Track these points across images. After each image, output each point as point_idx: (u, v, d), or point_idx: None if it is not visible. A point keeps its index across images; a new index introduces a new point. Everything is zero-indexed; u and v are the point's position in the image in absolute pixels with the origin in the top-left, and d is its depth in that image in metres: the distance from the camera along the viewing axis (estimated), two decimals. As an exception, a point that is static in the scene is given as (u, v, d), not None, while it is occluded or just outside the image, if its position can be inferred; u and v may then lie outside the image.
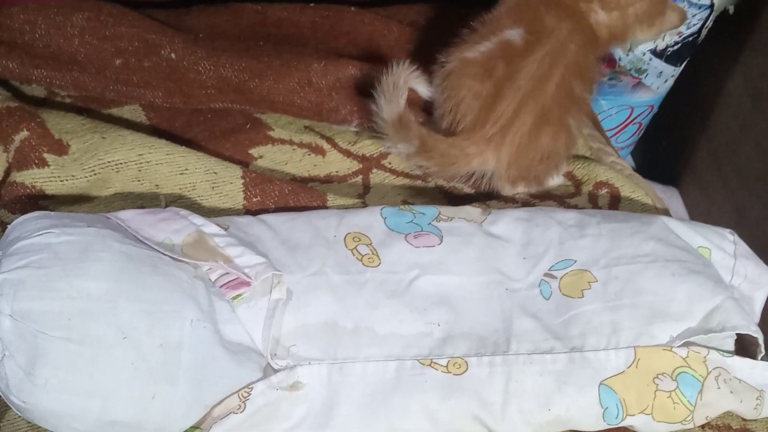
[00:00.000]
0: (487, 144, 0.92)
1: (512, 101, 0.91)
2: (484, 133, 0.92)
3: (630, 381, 0.74)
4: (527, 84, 0.91)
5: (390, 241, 0.82)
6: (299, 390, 0.73)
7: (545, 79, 0.91)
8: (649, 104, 1.40)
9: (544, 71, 0.91)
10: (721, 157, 1.40)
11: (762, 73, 1.27)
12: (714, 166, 1.42)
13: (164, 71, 0.98)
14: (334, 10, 1.11)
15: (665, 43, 1.27)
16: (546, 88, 0.91)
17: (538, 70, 0.91)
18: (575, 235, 0.84)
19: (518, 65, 0.91)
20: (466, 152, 0.92)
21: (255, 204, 0.89)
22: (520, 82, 0.91)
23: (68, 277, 0.67)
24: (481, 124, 0.92)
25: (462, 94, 0.93)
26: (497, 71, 0.92)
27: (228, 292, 0.74)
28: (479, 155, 0.92)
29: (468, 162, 0.93)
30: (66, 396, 0.65)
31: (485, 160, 0.93)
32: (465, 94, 0.93)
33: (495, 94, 0.92)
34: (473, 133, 0.92)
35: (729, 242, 0.88)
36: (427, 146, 0.92)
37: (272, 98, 0.97)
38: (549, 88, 0.92)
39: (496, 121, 0.91)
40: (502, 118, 0.91)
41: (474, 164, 0.93)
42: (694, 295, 0.77)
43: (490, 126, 0.91)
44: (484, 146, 0.92)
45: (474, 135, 0.92)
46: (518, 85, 0.91)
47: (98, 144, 0.88)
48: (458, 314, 0.78)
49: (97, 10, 0.99)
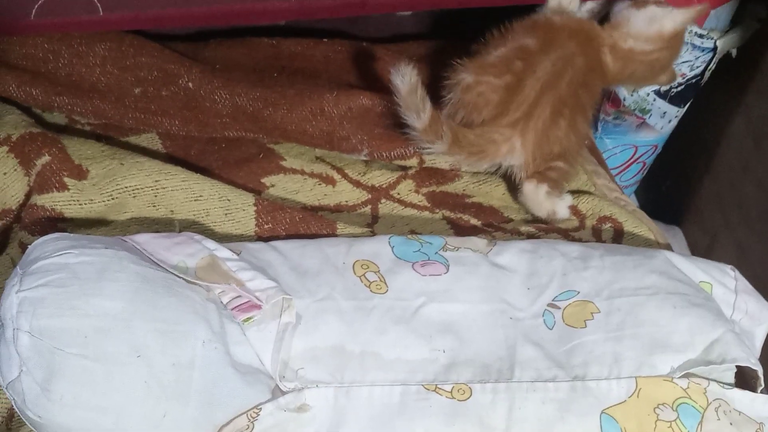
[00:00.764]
0: (513, 129, 0.97)
1: (533, 89, 0.96)
2: (508, 119, 0.96)
3: (631, 410, 0.75)
4: (545, 76, 0.96)
5: (397, 269, 0.84)
6: (306, 412, 0.74)
7: (559, 76, 0.97)
8: (653, 144, 1.42)
9: (558, 69, 0.97)
10: (724, 197, 1.42)
11: (763, 114, 1.29)
12: (716, 206, 1.44)
13: (181, 100, 1.01)
14: (346, 45, 1.15)
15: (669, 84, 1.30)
16: (560, 84, 0.97)
17: (553, 67, 0.97)
18: (579, 267, 0.86)
19: (535, 61, 0.97)
20: (493, 139, 0.97)
21: (266, 231, 0.91)
22: (539, 74, 0.96)
23: (85, 295, 0.70)
24: (503, 112, 0.96)
25: (481, 89, 0.97)
26: (515, 67, 0.97)
27: (239, 314, 0.76)
28: (506, 141, 0.97)
29: (497, 150, 0.97)
30: (80, 411, 0.67)
31: (512, 147, 0.97)
32: (484, 89, 0.97)
33: (515, 84, 0.96)
34: (497, 121, 0.96)
35: (730, 278, 0.90)
36: (457, 139, 0.95)
37: (285, 126, 1.00)
38: (562, 85, 0.97)
39: (519, 106, 0.96)
40: (525, 103, 0.96)
41: (503, 151, 0.98)
42: (695, 328, 0.79)
43: (514, 110, 0.96)
44: (510, 132, 0.97)
45: (499, 122, 0.96)
46: (537, 76, 0.96)
47: (116, 170, 0.90)
48: (463, 341, 0.79)
49: (119, 41, 1.03)
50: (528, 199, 1.00)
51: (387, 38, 1.23)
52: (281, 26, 1.19)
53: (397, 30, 1.26)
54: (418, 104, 0.93)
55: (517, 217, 1.02)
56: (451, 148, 0.96)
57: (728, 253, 1.40)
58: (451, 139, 0.95)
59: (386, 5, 1.06)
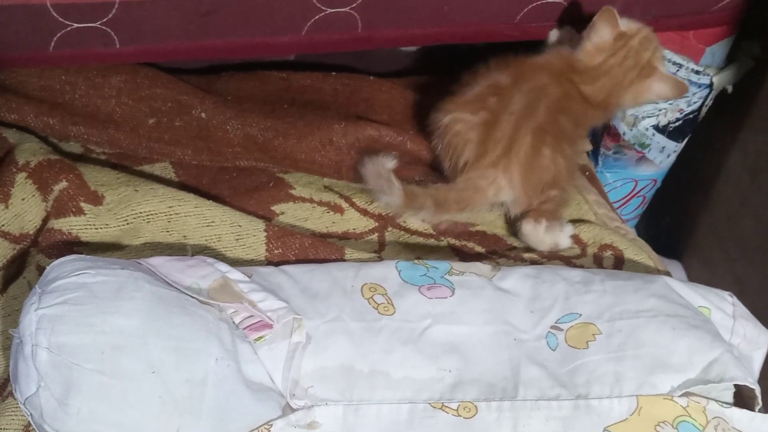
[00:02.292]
0: (495, 169, 0.98)
1: (508, 124, 0.98)
2: (488, 159, 0.98)
3: (633, 428, 0.77)
4: (520, 109, 0.99)
5: (404, 292, 0.87)
6: (316, 429, 0.76)
7: (534, 106, 0.99)
8: (653, 178, 1.45)
9: (531, 99, 0.99)
10: (722, 231, 1.43)
11: (759, 149, 1.31)
12: (715, 240, 1.46)
13: (194, 130, 1.04)
14: (354, 78, 1.18)
15: (667, 119, 1.32)
16: (537, 114, 0.99)
17: (526, 98, 0.99)
18: (580, 291, 0.88)
19: (508, 96, 0.99)
20: (478, 186, 0.98)
21: (276, 256, 0.93)
22: (513, 108, 0.99)
23: (103, 313, 0.72)
24: (483, 152, 0.98)
25: (457, 128, 1.00)
26: (489, 103, 1.00)
27: (251, 333, 0.78)
28: (492, 183, 0.99)
29: (484, 194, 0.99)
30: (96, 426, 0.69)
31: (499, 187, 0.99)
32: (460, 128, 1.00)
33: (491, 121, 0.99)
34: (478, 163, 0.98)
35: (728, 303, 0.92)
36: (440, 202, 0.97)
37: (295, 156, 1.03)
38: (539, 114, 0.99)
39: (497, 143, 0.98)
40: (503, 140, 0.98)
41: (490, 194, 1.00)
42: (694, 348, 0.81)
43: (492, 150, 0.98)
44: (493, 172, 0.98)
45: (480, 165, 0.98)
46: (511, 110, 0.99)
47: (131, 196, 0.93)
48: (468, 361, 0.81)
49: (134, 73, 1.06)
50: (529, 238, 1.02)
51: (392, 73, 1.27)
52: (290, 61, 1.23)
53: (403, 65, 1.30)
54: (384, 186, 0.96)
55: (521, 245, 1.04)
56: (438, 211, 0.99)
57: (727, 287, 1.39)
58: (434, 205, 0.98)
59: (391, 40, 1.10)
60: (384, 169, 0.96)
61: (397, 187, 0.96)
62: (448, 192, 0.99)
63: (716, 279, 1.44)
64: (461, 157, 1.00)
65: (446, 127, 1.01)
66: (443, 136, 1.02)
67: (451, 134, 1.00)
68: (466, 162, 1.00)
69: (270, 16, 1.01)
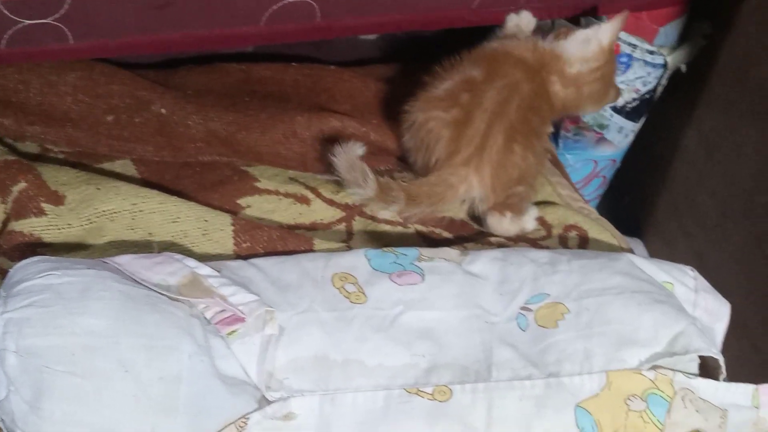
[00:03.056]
0: (466, 167, 0.98)
1: (481, 122, 0.98)
2: (461, 157, 0.98)
3: (604, 403, 0.78)
4: (492, 106, 0.98)
5: (375, 280, 0.87)
6: (293, 420, 0.76)
7: (506, 103, 0.99)
8: (612, 158, 1.47)
9: (504, 96, 0.99)
10: (680, 208, 1.46)
11: (714, 127, 1.34)
12: (674, 217, 1.49)
13: (155, 126, 1.03)
14: (315, 68, 1.18)
15: (624, 100, 1.34)
16: (508, 111, 0.99)
17: (499, 95, 0.99)
18: (548, 271, 0.89)
19: (481, 93, 0.99)
20: (450, 183, 0.98)
21: (245, 249, 0.93)
22: (486, 105, 0.99)
23: (71, 314, 0.71)
24: (455, 150, 0.98)
25: (430, 126, 0.99)
26: (462, 99, 0.99)
27: (223, 328, 0.78)
28: (463, 181, 0.98)
29: (455, 192, 0.99)
30: (70, 428, 0.68)
31: (470, 185, 0.99)
32: (433, 125, 0.99)
33: (463, 118, 0.98)
34: (450, 161, 0.98)
35: (690, 278, 0.94)
36: (412, 196, 0.97)
37: (259, 149, 1.03)
38: (510, 111, 0.99)
39: (470, 142, 0.98)
40: (475, 138, 0.98)
41: (461, 192, 1.00)
42: (660, 322, 0.83)
43: (465, 148, 0.98)
44: (465, 171, 0.98)
45: (452, 162, 0.98)
46: (484, 107, 0.99)
47: (93, 194, 0.92)
48: (441, 346, 0.82)
49: (90, 69, 1.05)
50: (494, 230, 1.02)
51: (352, 62, 1.27)
52: (249, 52, 1.22)
53: (362, 54, 1.30)
54: (359, 178, 0.95)
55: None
56: (409, 205, 0.98)
57: (687, 262, 1.42)
58: (406, 198, 0.97)
59: (350, 28, 1.10)
60: (357, 160, 0.95)
61: (371, 180, 0.95)
62: (420, 186, 0.99)
63: (676, 255, 1.46)
64: (433, 154, 1.00)
65: (418, 125, 1.01)
66: (415, 133, 1.01)
67: (423, 131, 1.00)
68: (437, 159, 1.00)
69: (227, 7, 1.00)
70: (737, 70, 1.26)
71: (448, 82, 1.02)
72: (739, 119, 1.26)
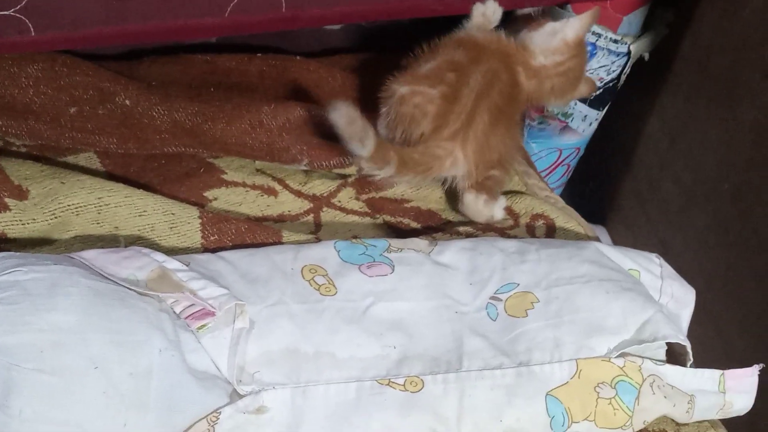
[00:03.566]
0: (453, 141, 0.99)
1: (469, 99, 0.99)
2: (448, 131, 0.98)
3: (574, 391, 0.79)
4: (478, 87, 0.99)
5: (345, 271, 0.87)
6: (265, 413, 0.76)
7: (490, 86, 1.00)
8: (576, 146, 1.48)
9: (488, 80, 1.00)
10: (644, 195, 1.48)
11: (676, 114, 1.36)
12: (638, 204, 1.51)
13: (119, 118, 1.02)
14: (280, 59, 1.17)
15: (588, 88, 1.35)
16: (492, 94, 1.00)
17: (483, 78, 1.00)
18: (517, 261, 0.90)
19: (467, 73, 1.00)
20: (437, 155, 0.99)
21: (213, 242, 0.92)
22: (472, 84, 0.99)
23: (39, 311, 0.70)
24: (443, 124, 0.98)
25: (416, 100, 0.99)
26: (448, 78, 0.99)
27: (193, 322, 0.77)
28: (449, 155, 0.99)
29: (441, 164, 1.00)
30: (41, 426, 0.67)
31: (455, 159, 0.99)
32: (419, 100, 0.99)
33: (450, 94, 0.99)
34: (438, 134, 0.99)
35: (656, 265, 0.96)
36: (404, 161, 0.97)
37: (225, 140, 1.02)
38: (494, 95, 1.00)
39: (458, 116, 0.98)
40: (463, 112, 0.98)
41: (447, 165, 1.00)
42: (628, 310, 0.84)
43: (454, 121, 0.98)
44: (451, 145, 0.99)
45: (439, 136, 0.98)
46: (471, 86, 0.99)
47: (58, 188, 0.90)
48: (412, 337, 0.82)
49: (52, 61, 1.03)
50: (468, 209, 1.03)
51: (317, 53, 1.27)
52: (213, 43, 1.21)
53: (326, 44, 1.29)
54: (361, 134, 0.92)
55: (455, 219, 1.05)
56: (399, 170, 0.97)
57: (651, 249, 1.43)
58: (398, 162, 0.96)
59: (316, 19, 1.08)
60: (358, 115, 0.92)
61: (371, 136, 0.93)
62: (412, 152, 0.98)
63: (640, 242, 1.49)
64: (418, 128, 0.99)
65: (403, 98, 0.99)
66: (399, 106, 1.00)
67: (409, 105, 0.99)
68: (422, 133, 1.00)
69: (191, -2, 0.99)
70: (700, 58, 1.27)
71: (431, 62, 1.03)
72: (702, 107, 1.28)
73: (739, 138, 1.19)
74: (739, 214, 1.20)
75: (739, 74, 1.17)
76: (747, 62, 1.16)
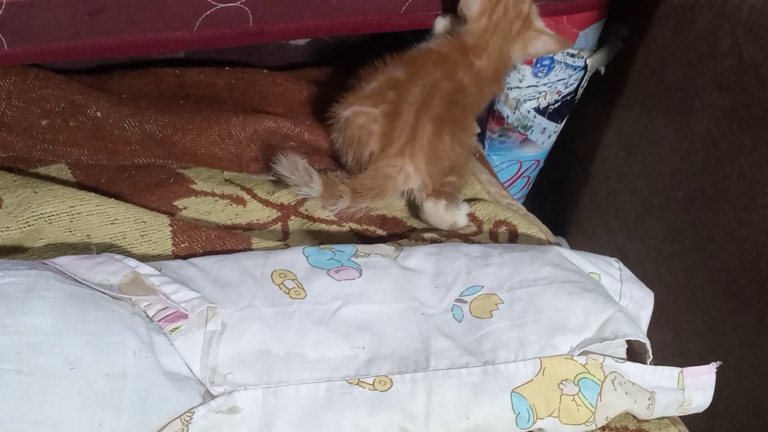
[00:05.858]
0: (401, 157, 1.02)
1: (409, 114, 1.03)
2: (394, 147, 1.02)
3: (538, 388, 0.82)
4: (417, 101, 1.03)
5: (314, 276, 0.89)
6: (237, 413, 0.77)
7: (429, 98, 1.04)
8: (536, 158, 1.52)
9: (426, 93, 1.04)
10: (602, 205, 1.52)
11: (632, 126, 1.40)
12: (596, 214, 1.54)
13: (90, 129, 1.03)
14: (248, 72, 1.19)
15: (547, 101, 1.39)
16: (432, 105, 1.04)
17: (422, 92, 1.04)
18: (481, 264, 0.93)
19: (405, 89, 1.04)
20: (388, 174, 1.02)
21: (183, 249, 0.94)
22: (411, 99, 1.03)
23: (15, 314, 0.71)
24: (388, 142, 1.02)
25: (360, 121, 1.03)
26: (388, 96, 1.03)
27: (166, 325, 0.79)
28: (400, 171, 1.02)
29: (394, 183, 1.03)
30: (17, 426, 0.68)
31: (407, 174, 1.03)
32: (363, 120, 1.03)
33: (392, 112, 1.03)
34: (385, 152, 1.02)
35: (615, 269, 0.99)
36: (356, 190, 1.00)
37: (195, 151, 1.03)
38: (435, 105, 1.04)
39: (402, 132, 1.02)
40: (406, 127, 1.02)
41: (400, 181, 1.04)
42: (589, 310, 0.87)
43: (398, 138, 1.02)
44: (400, 160, 1.02)
45: (387, 154, 1.02)
46: (410, 101, 1.03)
47: (31, 197, 0.91)
48: (380, 338, 0.84)
49: (24, 74, 1.04)
50: (430, 216, 1.06)
51: (282, 66, 1.29)
52: (180, 58, 1.23)
53: (292, 59, 1.32)
54: (305, 178, 0.98)
55: (420, 226, 1.08)
56: (354, 199, 1.02)
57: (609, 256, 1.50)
58: (351, 193, 1.01)
59: (282, 33, 1.11)
60: (300, 160, 0.97)
61: (317, 178, 0.98)
62: (362, 180, 1.02)
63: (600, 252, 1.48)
64: (366, 148, 1.03)
65: (347, 120, 1.04)
66: (345, 129, 1.04)
67: (354, 127, 1.03)
68: (371, 153, 1.03)
69: (161, 13, 1.01)
70: (654, 71, 1.32)
71: (373, 82, 1.07)
72: (657, 119, 1.32)
73: (692, 147, 1.23)
74: (694, 222, 1.24)
75: (692, 86, 1.22)
76: (699, 74, 1.20)
